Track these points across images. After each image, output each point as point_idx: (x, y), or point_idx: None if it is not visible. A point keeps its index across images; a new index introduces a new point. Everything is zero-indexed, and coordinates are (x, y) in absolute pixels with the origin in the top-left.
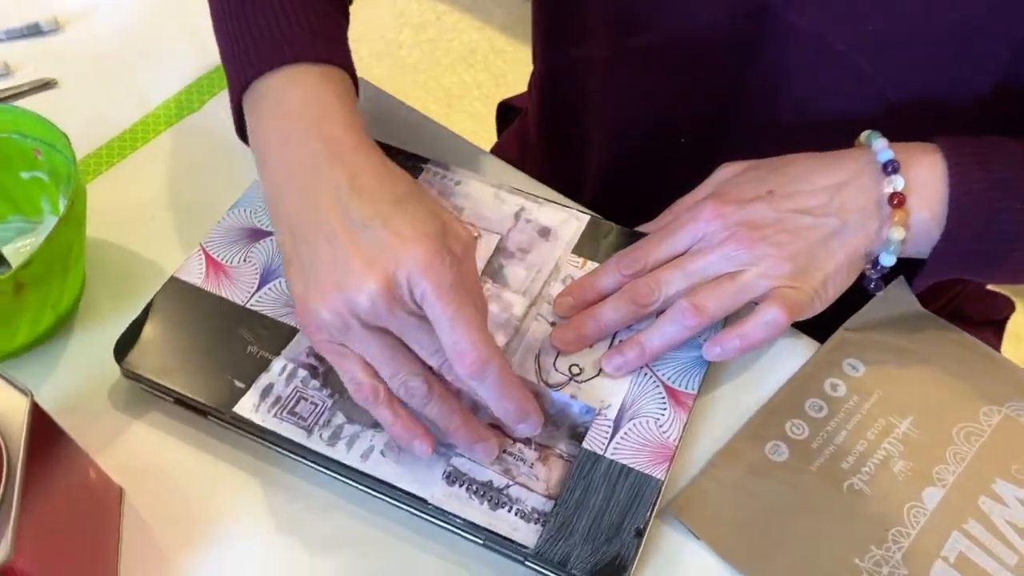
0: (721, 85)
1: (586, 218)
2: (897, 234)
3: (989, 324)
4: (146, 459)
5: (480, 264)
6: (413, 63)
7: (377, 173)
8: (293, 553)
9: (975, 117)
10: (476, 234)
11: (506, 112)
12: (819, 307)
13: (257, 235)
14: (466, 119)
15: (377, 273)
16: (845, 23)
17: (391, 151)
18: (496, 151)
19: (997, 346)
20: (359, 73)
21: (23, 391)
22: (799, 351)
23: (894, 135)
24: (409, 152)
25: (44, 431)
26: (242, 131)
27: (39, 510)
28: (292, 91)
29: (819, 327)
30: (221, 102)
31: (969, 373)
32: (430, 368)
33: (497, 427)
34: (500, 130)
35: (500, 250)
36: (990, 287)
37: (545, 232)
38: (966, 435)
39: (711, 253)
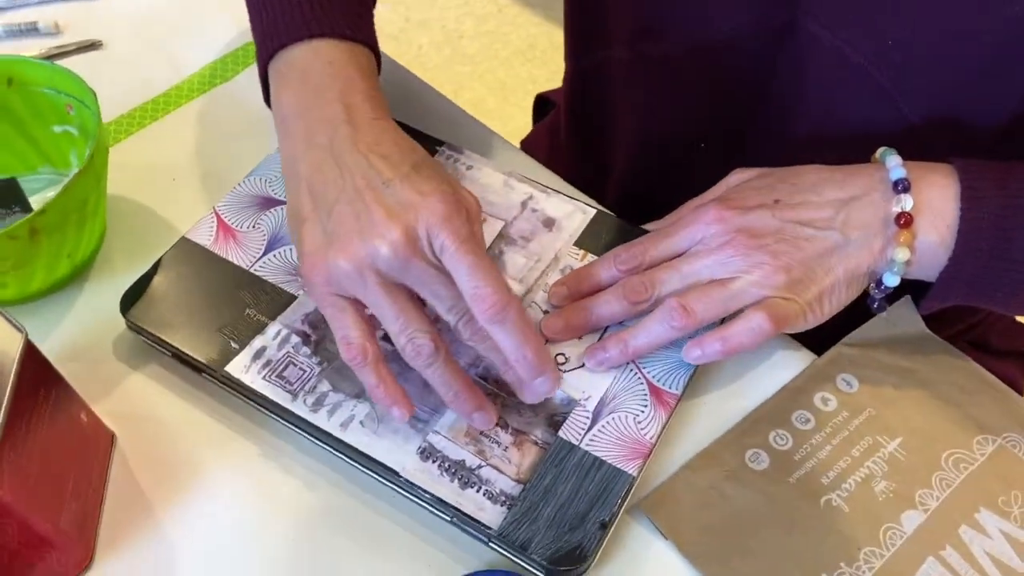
0: (740, 94)
1: (592, 212)
2: (901, 255)
3: (1013, 355)
4: (141, 409)
5: None
6: (472, 54)
7: (396, 141)
8: (267, 511)
9: (996, 140)
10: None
11: (543, 105)
12: (812, 321)
13: (268, 203)
14: (518, 113)
15: (399, 225)
16: (866, 38)
17: (408, 131)
18: (526, 142)
19: (1019, 378)
20: (420, 60)
21: (18, 328)
22: (795, 363)
23: (912, 153)
24: (425, 133)
25: (37, 369)
26: (269, 97)
27: (24, 445)
28: (317, 63)
29: (820, 341)
30: (252, 74)
31: (968, 400)
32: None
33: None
34: (536, 122)
35: (502, 236)
36: (1020, 318)
37: (550, 223)
38: (955, 462)
39: (707, 257)
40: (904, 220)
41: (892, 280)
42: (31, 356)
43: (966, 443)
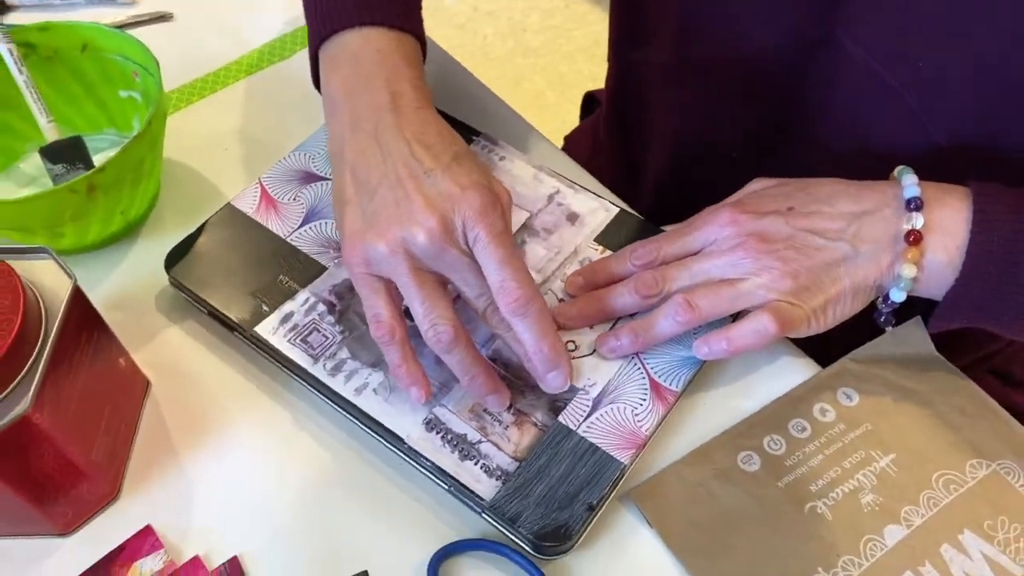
0: (773, 105)
1: (615, 210)
2: (908, 271)
3: None
4: (175, 360)
5: None
6: (535, 47)
7: (439, 131)
8: (281, 463)
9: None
10: None
11: (591, 103)
12: (815, 328)
13: (310, 178)
14: (575, 109)
15: (436, 214)
16: (897, 59)
17: (446, 119)
18: (570, 138)
19: None
20: (481, 53)
21: (69, 275)
22: (798, 372)
23: (937, 175)
24: (463, 122)
25: (83, 314)
26: (317, 79)
27: (65, 380)
28: (367, 50)
29: (827, 354)
30: (306, 55)
31: (967, 424)
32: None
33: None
34: (583, 119)
35: (526, 227)
36: None
37: (573, 217)
38: (945, 483)
39: (718, 257)
40: (913, 237)
41: (898, 296)
42: (78, 301)
43: (959, 465)
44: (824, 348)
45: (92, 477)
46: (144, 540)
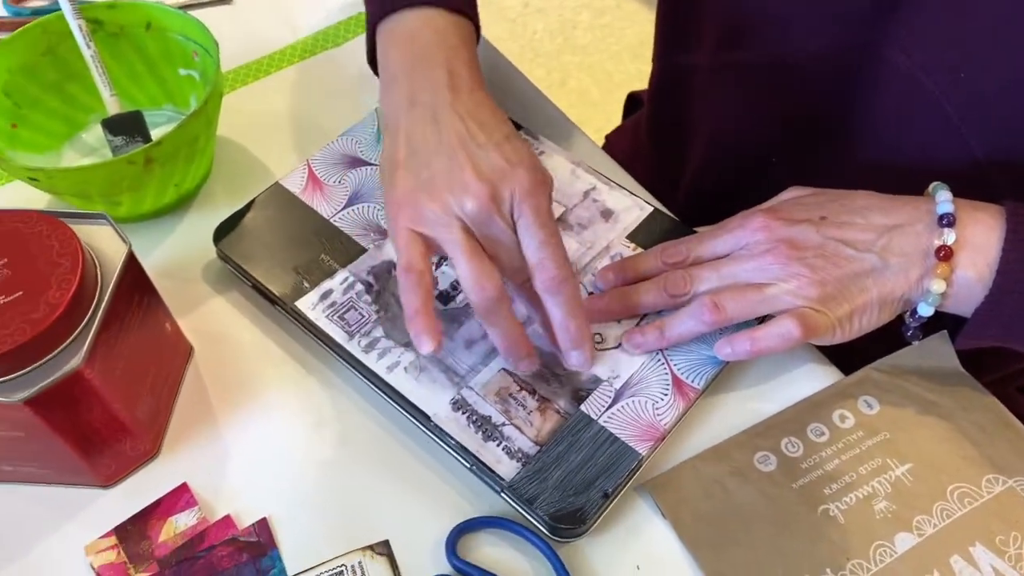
0: (814, 111)
1: (649, 209)
2: (937, 287)
3: None
4: (218, 328)
5: None
6: (583, 45)
7: (492, 112)
8: (313, 432)
9: None
10: None
11: (635, 103)
12: (840, 337)
13: (356, 163)
14: (619, 109)
15: (487, 184)
16: (941, 68)
17: None
18: (611, 136)
19: None
20: (529, 48)
21: (125, 241)
22: (820, 378)
23: (974, 189)
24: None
25: (135, 278)
26: (372, 59)
27: (115, 339)
28: (426, 30)
29: (851, 362)
30: (358, 43)
31: (986, 440)
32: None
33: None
34: (625, 118)
35: (561, 221)
36: None
37: (607, 214)
38: (960, 496)
39: (748, 261)
40: (944, 253)
41: (926, 310)
42: (132, 266)
43: (975, 480)
44: (847, 356)
45: (135, 434)
46: (180, 497)
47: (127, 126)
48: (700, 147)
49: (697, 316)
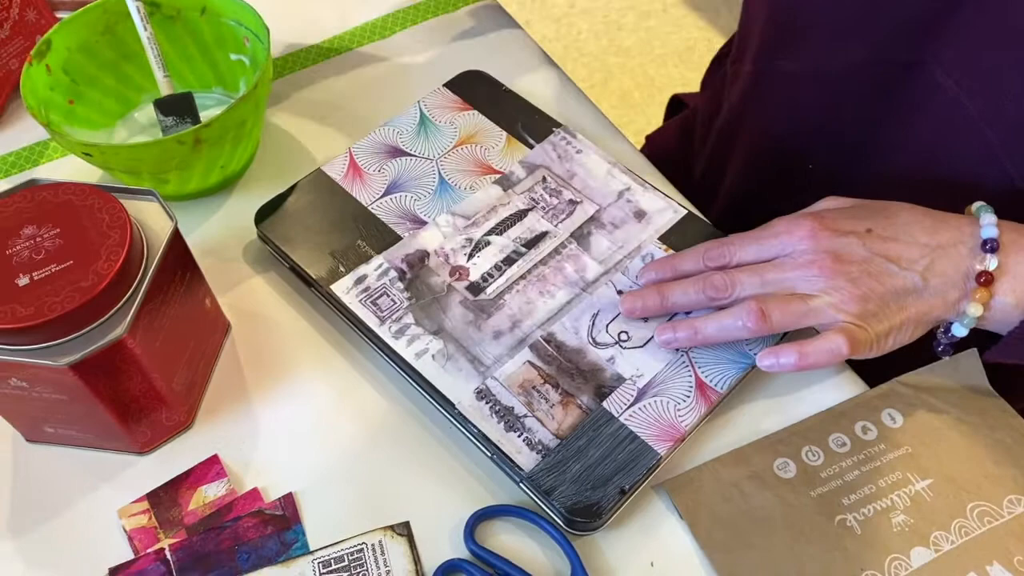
0: (855, 125)
1: (683, 212)
2: (974, 310)
3: None
4: (255, 307)
5: (570, 227)
6: (627, 47)
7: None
8: (340, 412)
9: None
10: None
11: (677, 106)
12: (874, 353)
13: (396, 153)
14: (660, 111)
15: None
16: (984, 93)
17: (531, 111)
18: (651, 137)
19: None
20: (573, 48)
21: (171, 217)
22: (845, 389)
23: (1011, 215)
24: (546, 113)
25: (179, 254)
26: None
27: (157, 311)
28: None
29: (877, 374)
30: (407, 35)
31: (1011, 460)
32: None
33: None
34: (667, 120)
35: (594, 219)
36: None
37: (641, 214)
38: (980, 514)
39: (792, 270)
40: (984, 279)
41: (961, 331)
42: (176, 242)
43: (996, 499)
44: (869, 364)
45: (171, 404)
46: (210, 468)
47: (178, 107)
48: (739, 156)
49: (741, 320)
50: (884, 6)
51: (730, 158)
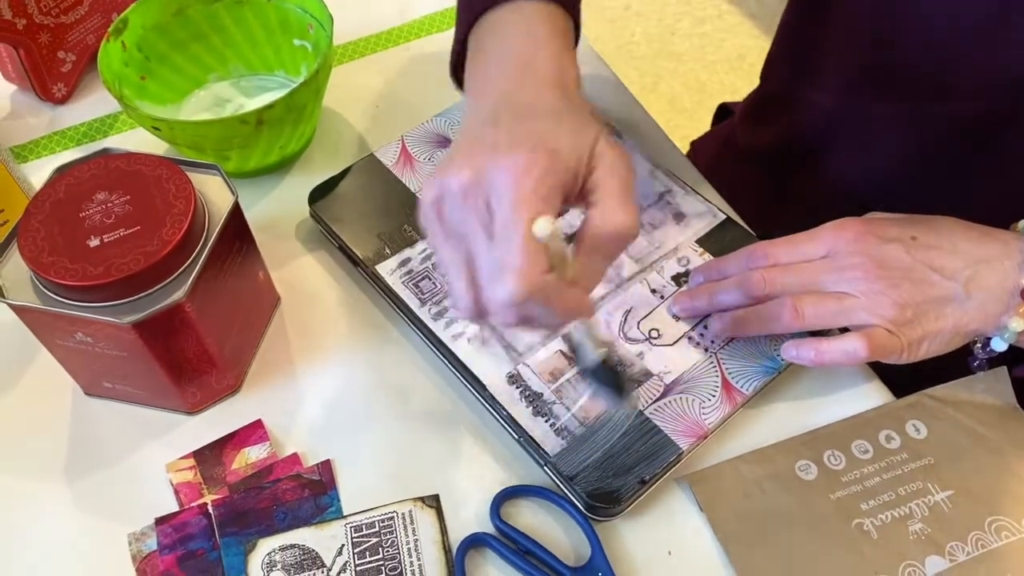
0: (940, 163)
1: (722, 217)
2: (1016, 325)
3: None
4: (305, 282)
5: None
6: (680, 52)
7: (534, 98)
8: (379, 386)
9: None
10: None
11: (724, 113)
12: (905, 359)
13: (446, 143)
14: (708, 117)
15: (469, 168)
16: None
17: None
18: (696, 142)
19: None
20: (625, 50)
21: (232, 191)
22: (871, 398)
23: None
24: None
25: (238, 227)
26: (455, 70)
27: (214, 279)
28: (513, 20)
29: (905, 383)
30: None
31: None
32: None
33: None
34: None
35: None
36: None
37: (679, 217)
38: (997, 528)
39: (832, 273)
40: None
41: (1000, 345)
42: (236, 215)
43: (1015, 515)
44: (897, 376)
45: (221, 368)
46: (254, 431)
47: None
48: (804, 175)
49: (775, 316)
50: (1006, 62)
51: (792, 179)
